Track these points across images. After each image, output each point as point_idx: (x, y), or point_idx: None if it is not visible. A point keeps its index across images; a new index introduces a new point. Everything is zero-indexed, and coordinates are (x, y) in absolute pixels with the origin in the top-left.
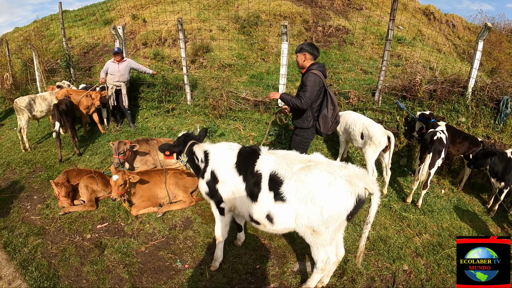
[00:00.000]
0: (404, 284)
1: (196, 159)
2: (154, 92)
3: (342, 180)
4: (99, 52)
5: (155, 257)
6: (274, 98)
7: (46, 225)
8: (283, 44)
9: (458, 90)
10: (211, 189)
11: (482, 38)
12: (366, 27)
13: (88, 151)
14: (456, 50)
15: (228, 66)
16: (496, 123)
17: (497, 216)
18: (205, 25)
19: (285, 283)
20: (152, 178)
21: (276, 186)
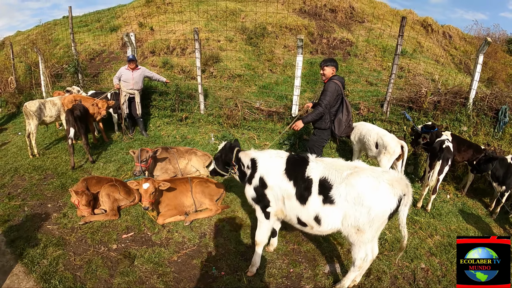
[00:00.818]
0: (423, 280)
1: (242, 165)
2: (166, 100)
3: (386, 183)
4: (105, 59)
5: (189, 266)
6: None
7: (66, 235)
8: (298, 57)
9: (460, 101)
10: (259, 194)
11: (482, 52)
12: (368, 39)
13: (102, 159)
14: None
15: (238, 76)
16: (495, 131)
17: (499, 218)
18: (213, 35)
19: (319, 284)
20: (178, 187)
21: (326, 190)
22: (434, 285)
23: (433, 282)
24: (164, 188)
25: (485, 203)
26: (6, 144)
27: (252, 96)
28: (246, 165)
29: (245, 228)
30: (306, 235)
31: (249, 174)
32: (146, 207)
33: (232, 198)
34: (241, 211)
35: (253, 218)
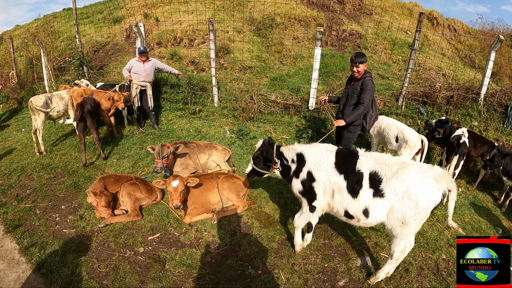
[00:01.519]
0: (445, 270)
1: (285, 160)
2: (178, 93)
3: (431, 178)
4: (110, 51)
5: (224, 266)
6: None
7: (85, 240)
8: (317, 49)
9: (472, 96)
10: (306, 187)
11: (495, 49)
12: (377, 32)
13: (114, 155)
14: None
15: (249, 68)
16: (504, 126)
17: (507, 211)
18: (221, 26)
19: (354, 278)
20: (204, 183)
21: (376, 183)
22: (455, 275)
23: (454, 272)
24: (193, 184)
25: (494, 196)
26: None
27: (264, 89)
28: (290, 159)
29: (274, 224)
30: (335, 229)
31: (296, 168)
32: (177, 205)
33: (256, 193)
34: (268, 206)
35: (281, 213)
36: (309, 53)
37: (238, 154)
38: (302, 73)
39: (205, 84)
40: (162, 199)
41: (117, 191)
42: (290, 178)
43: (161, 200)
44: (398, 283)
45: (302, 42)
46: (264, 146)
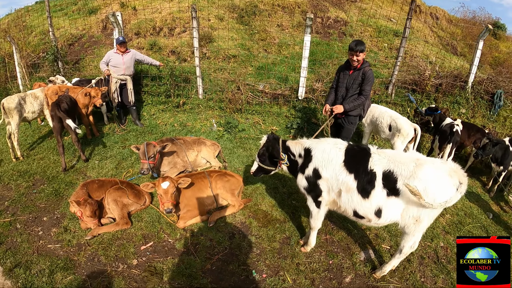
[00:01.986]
0: (445, 258)
1: (292, 155)
2: (160, 85)
3: (446, 174)
4: (85, 44)
5: (226, 273)
6: (339, 112)
7: (73, 255)
8: (306, 37)
9: (459, 84)
10: (311, 184)
11: (483, 38)
12: (362, 19)
13: (96, 156)
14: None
15: (233, 57)
16: (491, 113)
17: (495, 196)
18: (202, 14)
19: (359, 273)
20: (195, 183)
21: (391, 183)
22: (454, 262)
23: (453, 259)
24: (185, 185)
25: (482, 182)
26: None
27: (251, 78)
28: (297, 154)
29: (273, 222)
30: (335, 223)
31: (302, 163)
32: (169, 209)
33: (251, 190)
34: (264, 203)
35: (278, 210)
36: (294, 40)
37: (228, 148)
38: (288, 61)
39: (188, 75)
40: (151, 203)
41: (102, 198)
42: (296, 173)
43: (150, 204)
44: (402, 274)
45: (286, 29)
46: (269, 141)
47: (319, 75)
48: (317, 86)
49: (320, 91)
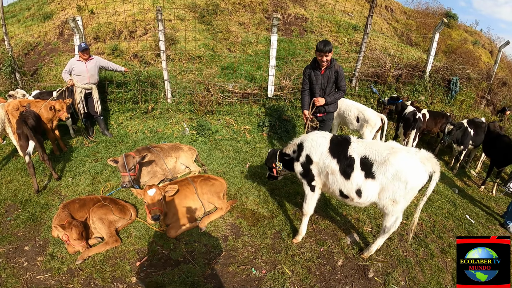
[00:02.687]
0: (421, 233)
1: (287, 156)
2: (127, 92)
3: (419, 161)
4: (42, 52)
5: (228, 275)
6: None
7: (66, 283)
8: (273, 36)
9: (418, 74)
10: (305, 169)
11: (439, 30)
12: (322, 15)
13: (68, 173)
14: (396, 33)
15: (197, 58)
16: (448, 99)
17: (458, 173)
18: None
19: (349, 255)
20: (181, 191)
21: (367, 167)
22: (430, 235)
23: (429, 233)
24: (172, 192)
25: (445, 161)
26: None
27: (220, 79)
28: (292, 151)
29: (261, 219)
30: (319, 213)
31: (297, 154)
32: (156, 215)
33: (234, 190)
34: (250, 202)
35: (264, 207)
36: (257, 38)
37: (204, 152)
38: (253, 60)
39: (154, 79)
40: (136, 216)
41: (86, 218)
42: (292, 166)
43: (136, 217)
44: (386, 251)
45: (248, 27)
46: (269, 155)
47: (285, 73)
48: (285, 84)
49: (288, 88)
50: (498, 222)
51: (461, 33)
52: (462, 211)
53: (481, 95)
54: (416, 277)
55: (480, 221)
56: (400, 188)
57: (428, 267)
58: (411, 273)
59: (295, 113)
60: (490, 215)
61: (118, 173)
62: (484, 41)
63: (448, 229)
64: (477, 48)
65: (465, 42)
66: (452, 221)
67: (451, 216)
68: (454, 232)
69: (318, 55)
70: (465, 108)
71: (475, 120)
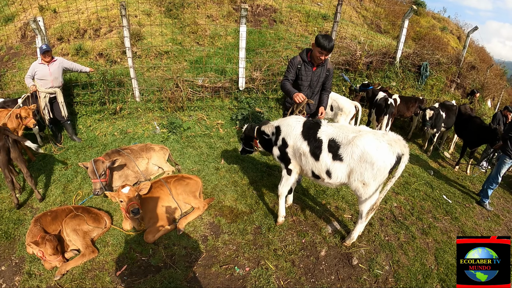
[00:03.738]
0: (401, 216)
1: (266, 135)
2: (93, 93)
3: (385, 143)
4: (4, 57)
5: (211, 276)
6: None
7: None
8: (242, 27)
9: (388, 60)
10: (282, 152)
11: (408, 17)
12: (291, 5)
13: (38, 184)
14: (365, 21)
15: (165, 53)
16: (419, 83)
17: (432, 155)
18: (129, 10)
19: (331, 244)
20: (155, 193)
21: (334, 149)
22: (410, 217)
23: (408, 215)
24: (145, 191)
25: (418, 144)
26: None
27: (188, 74)
28: (271, 133)
29: (240, 215)
30: (298, 204)
31: (275, 138)
32: (135, 209)
33: (210, 188)
34: (227, 198)
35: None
36: (225, 31)
37: (177, 150)
38: (222, 53)
39: (121, 77)
40: (112, 223)
41: (59, 230)
42: (271, 148)
43: (111, 225)
44: (368, 237)
45: (216, 20)
46: (245, 130)
47: (256, 64)
48: (256, 75)
49: (259, 80)
50: (475, 200)
51: (430, 20)
52: (439, 191)
53: (451, 79)
54: (400, 260)
55: (457, 200)
56: (368, 170)
57: (411, 249)
58: (394, 256)
59: (268, 105)
60: (466, 194)
61: (90, 180)
62: (452, 27)
63: (427, 210)
64: (445, 34)
65: (434, 29)
66: (430, 202)
67: (428, 198)
68: (433, 213)
69: (318, 51)
70: (435, 92)
71: (446, 103)
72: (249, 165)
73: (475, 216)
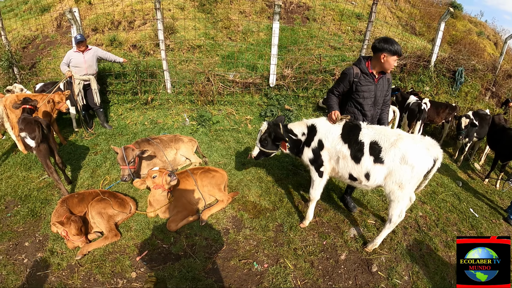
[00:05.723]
0: (425, 226)
1: (294, 135)
2: (125, 83)
3: (423, 147)
4: (40, 45)
5: (229, 270)
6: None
7: (66, 279)
8: (275, 24)
9: (423, 64)
10: (316, 155)
11: (444, 20)
12: (325, 3)
13: (67, 167)
14: (400, 22)
15: (197, 47)
16: (453, 90)
17: (462, 166)
18: (163, 4)
19: (352, 249)
20: (181, 183)
21: (376, 152)
22: (434, 228)
23: (432, 226)
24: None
25: (448, 153)
26: None
27: (220, 68)
28: (300, 133)
29: (263, 212)
30: (321, 205)
31: (307, 138)
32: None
33: (235, 182)
34: (251, 194)
35: (266, 199)
36: (258, 27)
37: (205, 143)
38: (254, 49)
39: (154, 69)
40: (136, 209)
41: (85, 213)
42: (300, 150)
43: (136, 211)
44: (390, 245)
45: (249, 16)
46: (270, 127)
47: (288, 62)
48: (287, 73)
49: (290, 77)
50: (502, 216)
51: (466, 24)
52: (466, 204)
53: (486, 87)
54: (420, 271)
55: (484, 215)
56: (406, 172)
57: (432, 262)
58: (414, 267)
59: (298, 103)
60: (493, 209)
61: (118, 166)
62: (489, 33)
63: (452, 223)
64: (481, 39)
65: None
66: (456, 215)
67: (455, 210)
68: (458, 226)
69: (392, 59)
70: (469, 99)
71: (480, 112)
72: (275, 162)
73: (501, 232)
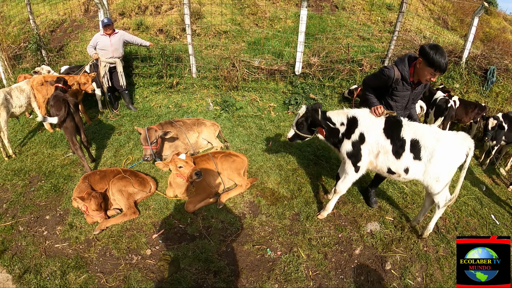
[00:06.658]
0: (444, 228)
1: (332, 124)
2: (151, 66)
3: (458, 142)
4: (68, 29)
5: (242, 254)
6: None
7: (83, 252)
8: (303, 10)
9: (454, 60)
10: (356, 148)
11: (478, 15)
12: None
13: (92, 146)
14: (431, 15)
15: (224, 33)
16: (483, 89)
17: (487, 169)
18: None
19: (367, 244)
20: (201, 166)
21: (417, 148)
22: (453, 231)
23: (452, 229)
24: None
25: (475, 155)
26: None
27: (245, 54)
28: (339, 122)
29: (281, 200)
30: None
31: (347, 129)
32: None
33: (255, 168)
34: (270, 181)
35: (285, 187)
36: (285, 14)
37: (227, 128)
38: (281, 36)
39: (179, 53)
40: (156, 189)
41: (105, 189)
42: (337, 140)
43: (155, 190)
44: (406, 244)
45: (277, 2)
46: (308, 112)
47: (314, 50)
48: (314, 61)
49: (317, 66)
50: None
51: (500, 21)
52: (488, 210)
53: None
54: (434, 274)
55: (505, 223)
56: (444, 167)
57: (447, 266)
58: (429, 269)
59: (323, 92)
60: None
61: (141, 146)
62: None
63: (472, 228)
64: None
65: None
66: (476, 220)
67: (476, 214)
68: (477, 232)
69: (431, 73)
70: (500, 101)
71: (510, 114)
72: (296, 151)
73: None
